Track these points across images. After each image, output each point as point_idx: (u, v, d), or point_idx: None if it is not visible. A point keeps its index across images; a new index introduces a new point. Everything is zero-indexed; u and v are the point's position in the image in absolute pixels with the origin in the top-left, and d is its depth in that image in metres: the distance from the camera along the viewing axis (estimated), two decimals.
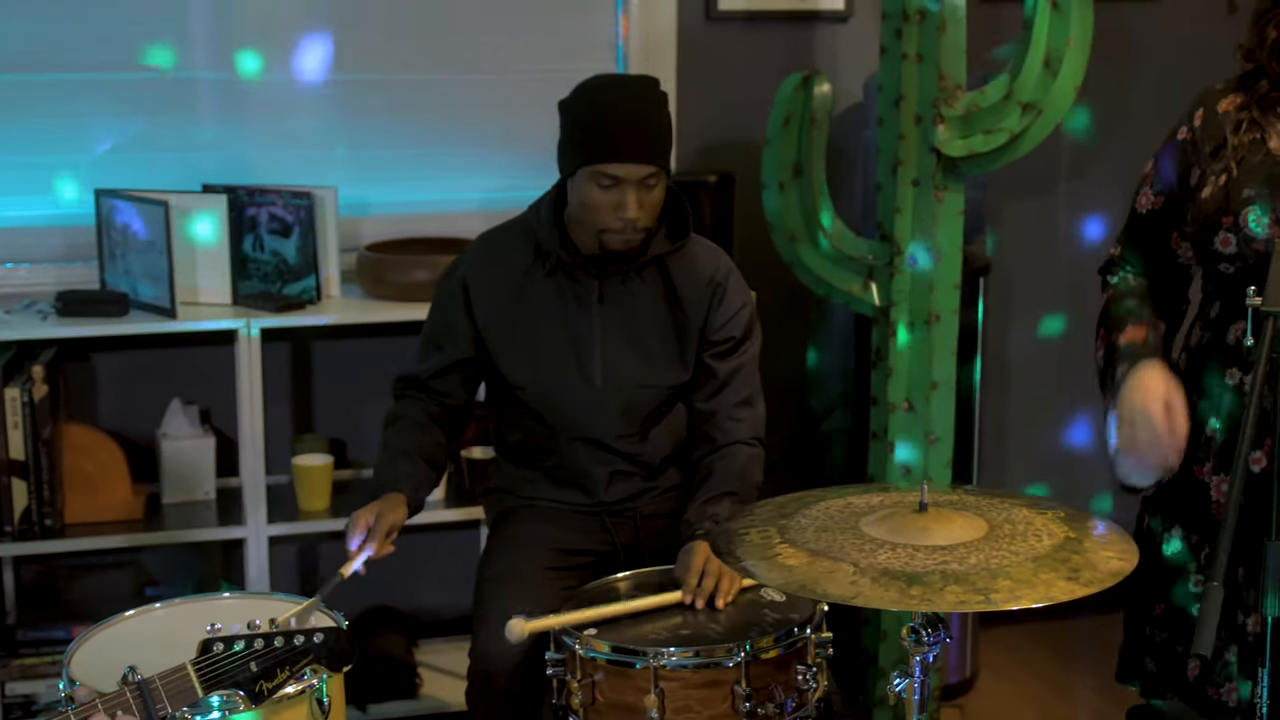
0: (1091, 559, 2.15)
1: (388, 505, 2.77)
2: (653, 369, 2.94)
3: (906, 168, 3.51)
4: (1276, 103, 2.37)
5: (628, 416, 2.94)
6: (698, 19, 3.91)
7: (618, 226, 2.80)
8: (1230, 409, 2.33)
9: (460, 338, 2.96)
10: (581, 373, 2.92)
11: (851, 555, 2.16)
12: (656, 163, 2.79)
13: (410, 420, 2.96)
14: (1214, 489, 2.33)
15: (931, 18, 3.43)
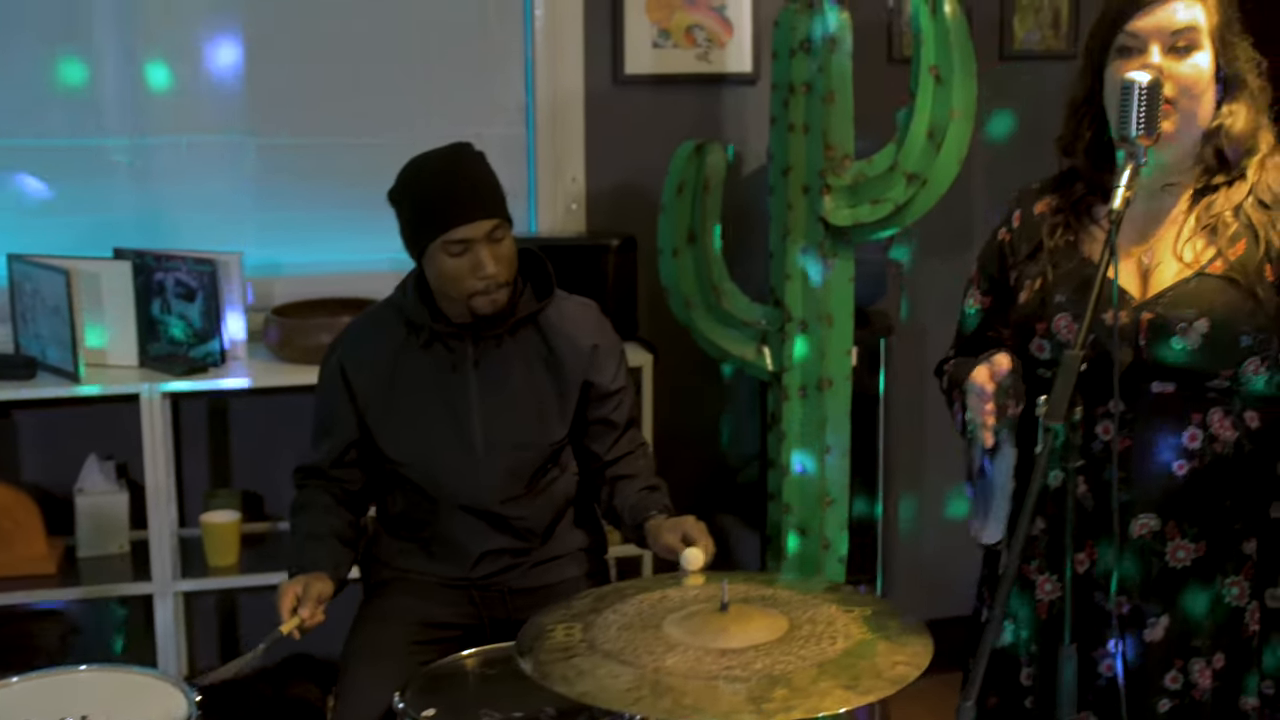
0: (878, 664, 2.20)
1: (313, 578, 2.87)
2: (533, 429, 3.02)
3: (795, 236, 3.57)
4: (1091, 206, 2.37)
5: (512, 479, 3.02)
6: (605, 82, 3.98)
7: (481, 287, 2.88)
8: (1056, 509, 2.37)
9: (345, 420, 3.05)
10: (461, 440, 2.99)
11: (643, 659, 2.22)
12: (496, 215, 2.88)
13: (317, 505, 3.05)
14: (1038, 588, 2.38)
15: (818, 89, 3.49)
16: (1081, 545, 2.30)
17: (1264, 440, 2.22)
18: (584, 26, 3.95)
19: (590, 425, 3.09)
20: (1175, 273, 2.23)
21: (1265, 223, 2.21)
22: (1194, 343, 2.18)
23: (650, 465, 3.14)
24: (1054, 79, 3.91)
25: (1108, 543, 2.25)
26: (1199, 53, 2.24)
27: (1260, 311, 2.17)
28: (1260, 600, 2.23)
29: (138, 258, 3.63)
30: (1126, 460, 2.23)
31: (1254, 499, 2.23)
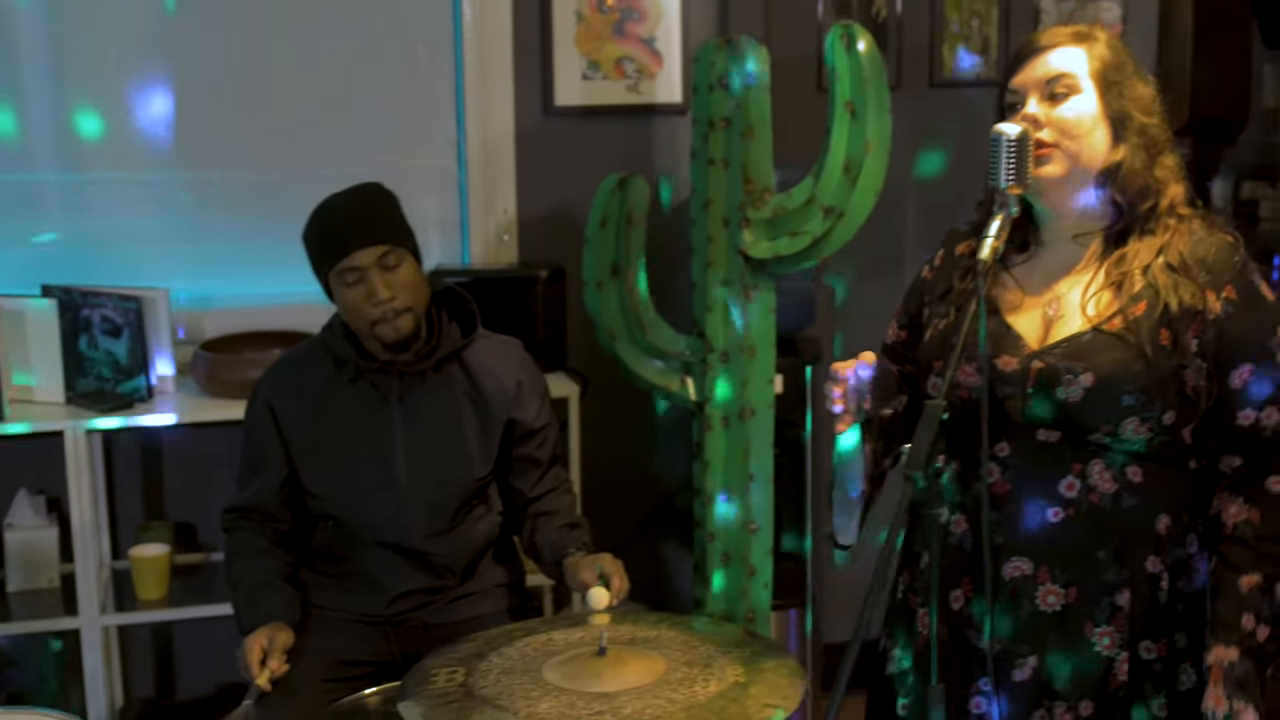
0: (747, 707, 2.23)
1: (275, 629, 2.92)
2: (457, 465, 3.05)
3: (716, 268, 3.60)
4: (1006, 253, 2.38)
5: (435, 515, 3.05)
6: (535, 114, 4.01)
7: (379, 314, 2.93)
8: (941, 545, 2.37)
9: (274, 458, 3.08)
10: (386, 477, 3.03)
11: (518, 704, 2.25)
12: (385, 241, 2.93)
13: (255, 550, 3.09)
14: (918, 619, 2.41)
15: (736, 124, 3.52)
16: (959, 583, 2.32)
17: (1144, 495, 2.23)
18: (514, 59, 3.98)
19: (514, 462, 3.12)
20: (1076, 326, 2.26)
21: (1168, 285, 2.21)
22: (1075, 396, 2.20)
23: (573, 502, 3.18)
24: (985, 105, 3.96)
25: (982, 583, 2.27)
26: (1077, 96, 2.27)
27: (1146, 373, 2.18)
28: (1130, 652, 2.24)
29: (64, 294, 3.66)
30: (1005, 503, 2.25)
31: (1130, 552, 2.24)
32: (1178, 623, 2.27)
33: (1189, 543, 2.27)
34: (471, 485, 3.07)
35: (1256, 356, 2.21)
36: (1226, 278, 2.22)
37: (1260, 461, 2.23)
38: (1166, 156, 2.29)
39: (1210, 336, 2.20)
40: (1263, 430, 2.22)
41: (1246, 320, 2.21)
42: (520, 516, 3.15)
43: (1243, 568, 2.22)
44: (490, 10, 3.95)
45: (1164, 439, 2.22)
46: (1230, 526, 2.23)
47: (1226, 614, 2.22)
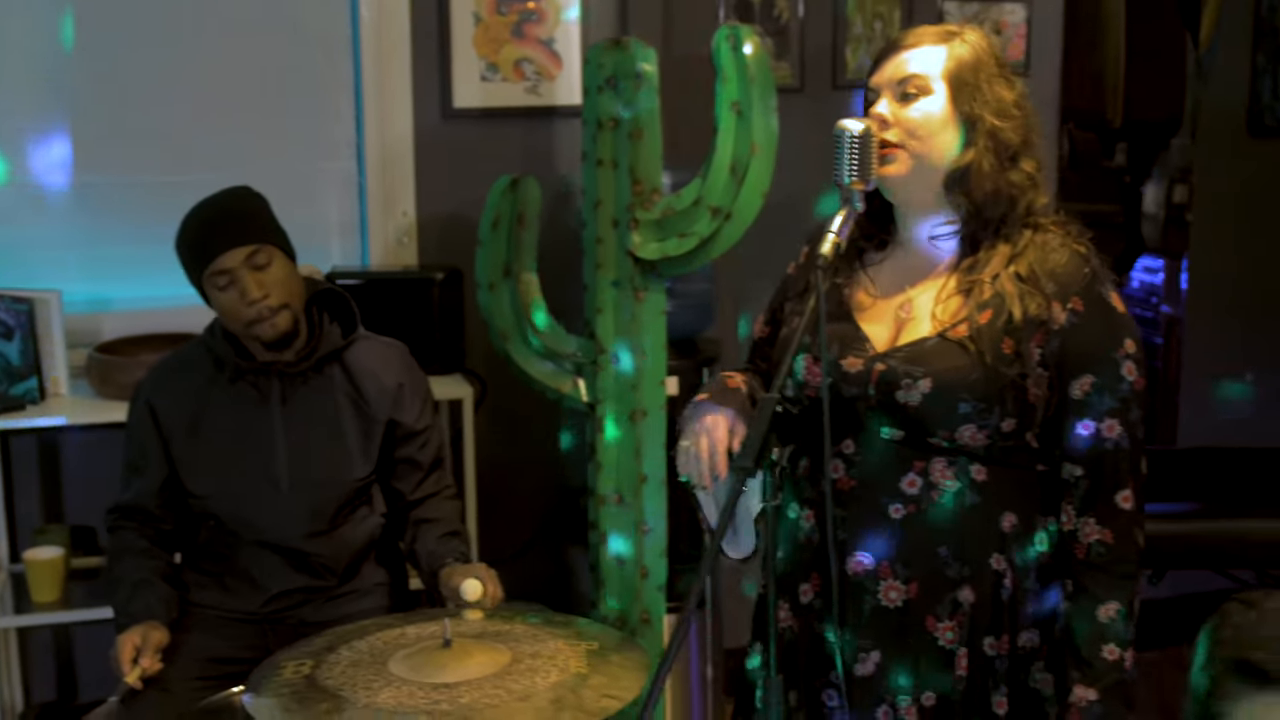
0: (584, 697, 2.25)
1: (149, 627, 2.94)
2: (338, 466, 3.06)
3: (606, 269, 3.61)
4: (864, 251, 2.40)
5: (315, 515, 3.06)
6: (434, 116, 4.03)
7: (253, 314, 2.94)
8: (793, 540, 2.40)
9: (154, 458, 3.09)
10: (267, 476, 3.04)
11: (358, 694, 2.26)
12: (251, 240, 2.94)
13: (135, 550, 3.10)
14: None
15: (624, 125, 3.54)
16: (807, 577, 2.34)
17: (988, 494, 2.24)
18: (412, 61, 4.00)
19: (396, 464, 3.14)
20: (924, 330, 2.26)
21: (1014, 295, 2.22)
22: (914, 401, 2.21)
23: (455, 509, 3.18)
24: None
25: (828, 577, 2.29)
26: (927, 97, 2.27)
27: (984, 382, 2.18)
28: (971, 648, 2.25)
29: None
30: (850, 500, 2.26)
31: (972, 549, 2.25)
32: (1026, 621, 2.28)
33: (1039, 541, 2.28)
34: (352, 486, 3.08)
35: (1099, 368, 2.21)
36: (1074, 289, 2.22)
37: (1101, 473, 2.23)
38: (1024, 162, 2.28)
39: (1054, 347, 2.21)
40: (1104, 442, 2.22)
41: (1091, 331, 2.22)
42: (402, 520, 3.16)
43: (1100, 596, 2.22)
44: (388, 12, 3.97)
45: (1006, 444, 2.23)
46: (1084, 548, 2.23)
47: (1085, 649, 2.22)
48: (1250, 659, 1.61)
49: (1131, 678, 2.23)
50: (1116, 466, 2.23)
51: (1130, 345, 2.23)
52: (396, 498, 3.15)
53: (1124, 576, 2.23)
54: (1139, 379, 2.23)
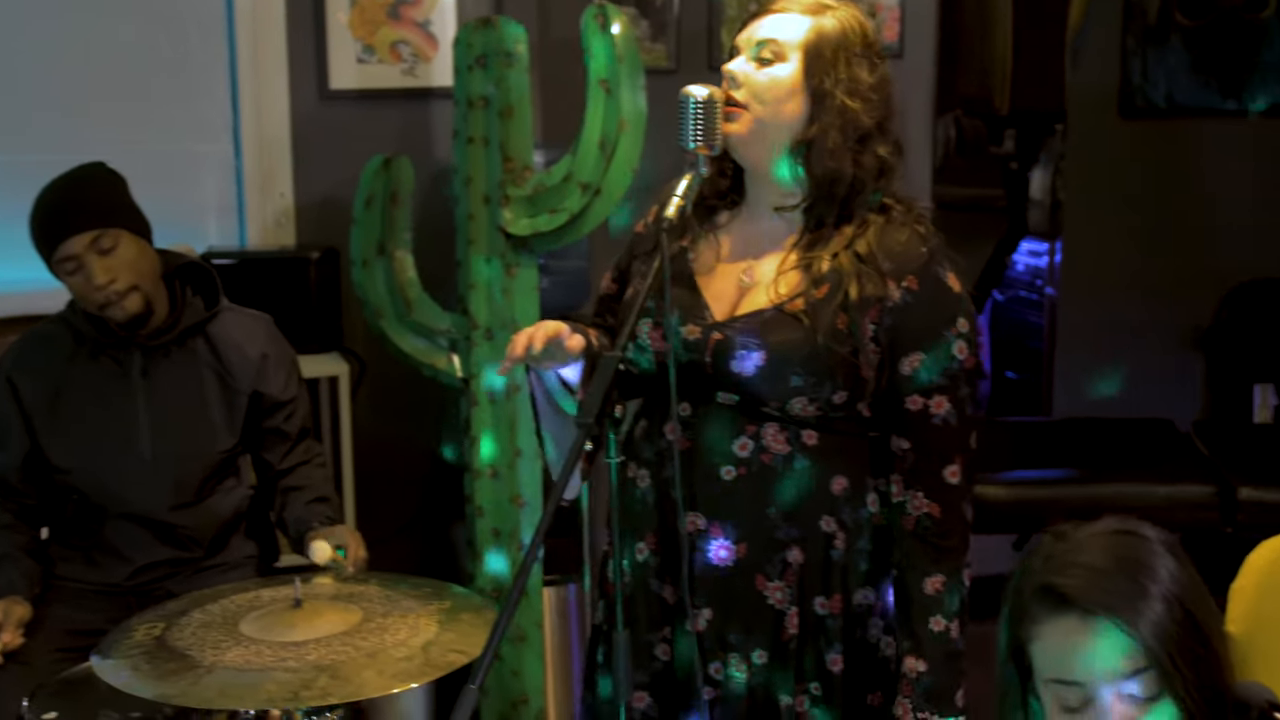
0: (431, 653, 2.30)
1: (11, 603, 2.95)
2: (201, 437, 3.09)
3: (478, 246, 3.66)
4: (715, 210, 2.44)
5: (181, 487, 3.09)
6: (311, 98, 4.05)
7: (102, 299, 2.97)
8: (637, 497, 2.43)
9: (16, 433, 3.10)
10: (130, 449, 3.06)
11: (206, 655, 2.29)
12: (93, 226, 2.95)
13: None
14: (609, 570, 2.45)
15: (495, 103, 3.59)
16: (643, 535, 2.38)
17: (818, 457, 2.29)
18: (288, 43, 4.02)
19: (264, 435, 3.16)
20: (762, 302, 2.30)
21: (851, 273, 2.25)
22: (748, 371, 2.25)
23: (324, 476, 3.22)
24: None
25: (664, 536, 2.34)
26: (780, 64, 2.30)
27: (816, 356, 2.23)
28: (800, 606, 2.31)
29: None
30: (684, 461, 2.29)
31: (802, 511, 2.30)
32: (859, 580, 2.33)
33: (870, 503, 2.32)
34: (217, 457, 3.10)
35: (930, 345, 2.25)
36: (911, 267, 2.26)
37: (928, 448, 2.27)
38: (876, 145, 2.31)
39: (888, 323, 2.24)
40: (931, 417, 2.26)
41: (925, 310, 2.25)
42: (271, 490, 3.19)
43: (927, 568, 2.27)
44: None
45: (836, 414, 2.28)
46: (913, 520, 2.28)
47: (914, 620, 2.28)
48: (1053, 583, 1.66)
49: (960, 648, 2.28)
50: (944, 442, 2.27)
51: (963, 324, 2.27)
52: (265, 469, 3.18)
53: (951, 549, 2.28)
54: (969, 357, 2.27)
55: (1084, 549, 1.68)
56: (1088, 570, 1.64)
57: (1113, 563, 1.65)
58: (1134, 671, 1.61)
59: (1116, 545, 1.66)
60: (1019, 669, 1.70)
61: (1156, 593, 1.62)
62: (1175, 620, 1.62)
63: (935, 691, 2.26)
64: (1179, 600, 1.63)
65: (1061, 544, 1.69)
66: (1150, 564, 1.64)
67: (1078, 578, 1.64)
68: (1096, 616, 1.61)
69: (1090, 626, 1.62)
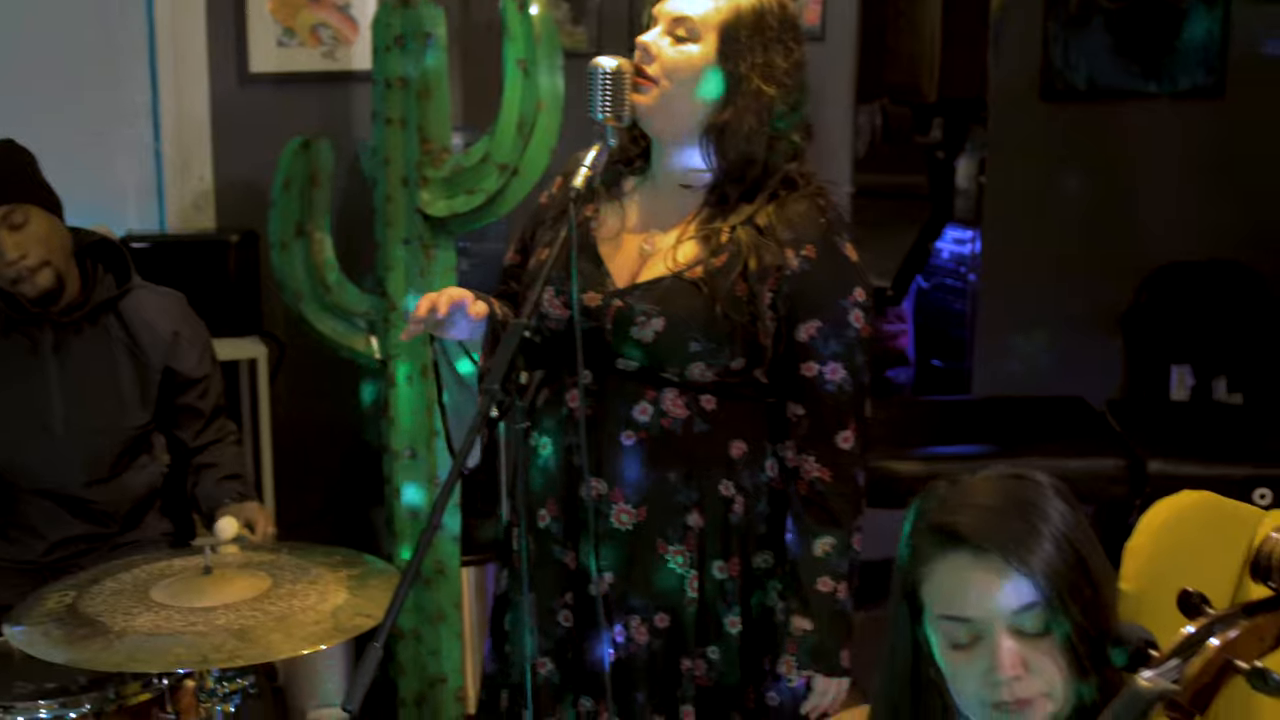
0: (339, 617, 2.32)
1: None
2: (113, 413, 3.10)
3: (396, 227, 3.67)
4: (621, 177, 2.47)
5: (94, 463, 3.09)
6: (231, 82, 4.06)
7: (12, 274, 2.99)
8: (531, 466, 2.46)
9: None
10: (42, 424, 3.06)
11: (116, 620, 2.31)
12: (3, 201, 2.96)
13: None
14: (514, 540, 2.49)
15: (413, 84, 3.60)
16: (544, 502, 2.41)
17: (717, 422, 2.33)
18: (207, 25, 4.01)
19: (178, 413, 3.17)
20: (661, 270, 2.34)
21: (750, 245, 2.30)
22: (648, 338, 2.29)
23: (237, 454, 3.23)
24: None
25: (566, 502, 2.36)
26: (694, 43, 2.33)
27: (716, 324, 2.27)
28: (700, 571, 2.34)
29: None
30: (587, 427, 2.32)
31: (702, 475, 2.34)
32: (759, 543, 2.38)
33: (768, 468, 2.37)
34: (130, 433, 3.11)
35: (826, 314, 2.31)
36: (809, 237, 2.31)
37: (821, 414, 2.33)
38: (789, 132, 2.36)
39: (786, 291, 2.30)
40: (825, 384, 2.32)
41: (822, 278, 2.31)
42: (185, 468, 3.19)
43: (817, 531, 2.33)
44: None
45: (735, 380, 2.32)
46: (806, 484, 2.33)
47: (802, 581, 2.33)
48: (946, 522, 1.69)
49: (847, 609, 2.34)
50: (838, 408, 2.33)
51: (860, 294, 2.32)
52: (179, 446, 3.19)
53: (841, 513, 2.33)
54: (865, 326, 2.33)
55: (976, 491, 1.71)
56: (980, 510, 1.68)
57: (1005, 503, 1.68)
58: (1024, 607, 1.64)
59: (1008, 488, 1.70)
60: (910, 610, 1.73)
61: (1047, 532, 1.66)
62: (1065, 560, 1.66)
63: (821, 650, 2.31)
64: (1069, 541, 1.67)
65: (954, 488, 1.73)
66: (1042, 506, 1.68)
67: (970, 517, 1.67)
68: (988, 553, 1.64)
69: (982, 563, 1.65)
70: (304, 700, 4.11)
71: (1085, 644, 1.65)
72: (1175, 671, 1.54)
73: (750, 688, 2.39)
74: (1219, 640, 1.56)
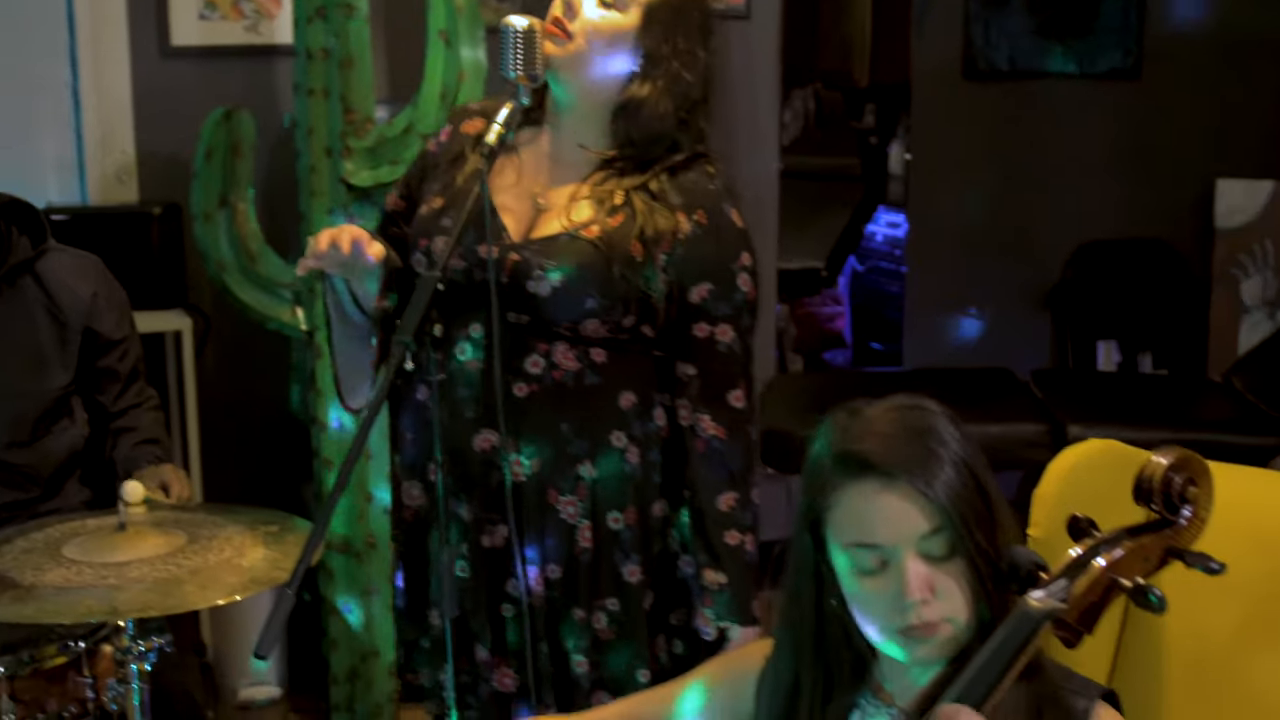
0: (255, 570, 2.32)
1: None
2: (34, 375, 3.08)
3: (320, 198, 3.67)
4: (522, 125, 2.43)
5: (15, 425, 3.07)
6: (153, 56, 4.04)
7: None
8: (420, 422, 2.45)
9: None
10: None
11: (26, 575, 2.30)
12: None
13: None
14: (405, 493, 2.48)
15: (335, 55, 3.60)
16: (433, 455, 2.40)
17: (608, 374, 2.36)
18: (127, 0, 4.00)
19: (98, 376, 3.16)
20: (556, 227, 2.36)
21: (645, 210, 2.34)
22: (544, 292, 2.31)
23: (156, 419, 3.22)
24: None
25: (458, 455, 2.37)
26: (620, 12, 2.36)
27: (613, 283, 2.30)
28: (594, 520, 2.36)
29: None
30: (476, 380, 2.35)
31: (594, 426, 2.36)
32: (654, 492, 2.40)
33: (656, 417, 2.40)
34: (52, 395, 3.10)
35: (717, 277, 2.35)
36: (701, 203, 2.36)
37: (713, 374, 2.37)
38: (698, 117, 2.40)
39: (679, 254, 2.34)
40: (716, 345, 2.36)
41: (713, 243, 2.36)
42: (104, 433, 3.19)
43: (719, 487, 2.36)
44: None
45: (625, 335, 2.35)
46: (703, 442, 2.36)
47: (710, 536, 2.36)
48: (851, 450, 1.71)
49: (753, 561, 2.38)
50: (728, 368, 2.37)
51: (747, 258, 2.38)
52: (98, 411, 3.17)
53: (740, 469, 2.37)
54: (752, 290, 2.39)
55: (877, 420, 1.74)
56: (884, 437, 1.70)
57: (906, 430, 1.71)
58: (931, 531, 1.67)
59: (907, 416, 1.73)
60: (814, 541, 1.75)
61: (946, 456, 1.69)
62: (964, 483, 1.68)
63: (736, 602, 2.34)
64: (967, 465, 1.70)
65: (854, 418, 1.75)
66: (939, 432, 1.71)
67: (876, 444, 1.70)
68: (896, 479, 1.67)
69: (890, 488, 1.67)
70: (234, 678, 4.10)
71: (985, 568, 1.68)
72: (1062, 591, 1.58)
73: (659, 638, 2.41)
74: (1104, 560, 1.60)
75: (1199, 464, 1.64)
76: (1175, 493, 1.62)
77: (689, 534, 2.38)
